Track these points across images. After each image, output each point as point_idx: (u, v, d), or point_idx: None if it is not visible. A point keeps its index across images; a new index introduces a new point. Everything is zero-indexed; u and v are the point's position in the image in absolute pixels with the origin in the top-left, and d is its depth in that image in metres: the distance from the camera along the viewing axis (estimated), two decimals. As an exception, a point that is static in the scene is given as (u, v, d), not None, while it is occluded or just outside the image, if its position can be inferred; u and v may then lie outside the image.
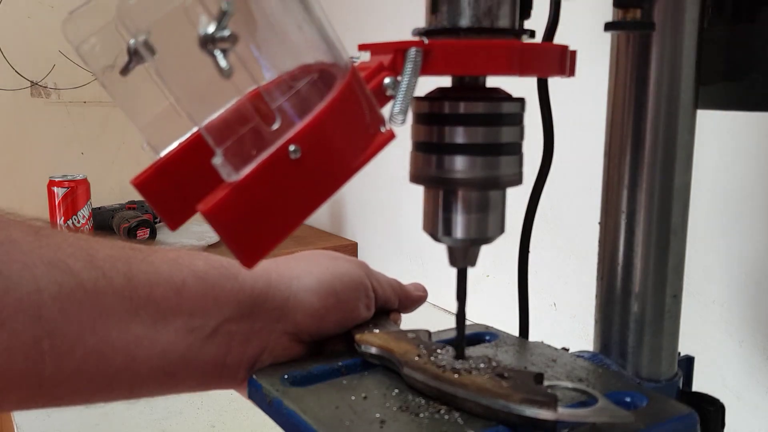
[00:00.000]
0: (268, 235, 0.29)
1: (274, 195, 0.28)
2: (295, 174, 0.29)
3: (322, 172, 0.30)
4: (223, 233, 0.28)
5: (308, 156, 0.28)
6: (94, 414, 0.76)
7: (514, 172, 0.37)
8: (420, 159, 0.37)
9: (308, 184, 0.29)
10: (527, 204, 0.52)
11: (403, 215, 1.23)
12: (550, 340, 0.47)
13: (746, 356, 0.68)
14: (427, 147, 0.37)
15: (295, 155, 0.28)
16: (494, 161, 0.36)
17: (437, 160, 0.36)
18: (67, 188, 1.12)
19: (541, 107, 0.50)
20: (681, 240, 0.46)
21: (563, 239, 0.89)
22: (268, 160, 0.28)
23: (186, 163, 0.36)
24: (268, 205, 0.29)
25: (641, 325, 0.46)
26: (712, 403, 0.47)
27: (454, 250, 0.39)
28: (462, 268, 0.40)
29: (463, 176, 0.36)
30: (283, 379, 0.40)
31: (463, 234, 0.38)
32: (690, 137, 0.45)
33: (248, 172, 0.27)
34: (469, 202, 0.37)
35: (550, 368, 0.43)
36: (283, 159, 0.28)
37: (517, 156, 0.37)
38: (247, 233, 0.28)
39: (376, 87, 0.32)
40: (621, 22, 0.44)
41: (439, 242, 0.39)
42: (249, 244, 0.29)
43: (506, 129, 0.36)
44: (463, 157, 0.36)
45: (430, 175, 0.37)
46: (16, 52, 1.40)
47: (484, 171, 0.36)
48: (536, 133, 0.49)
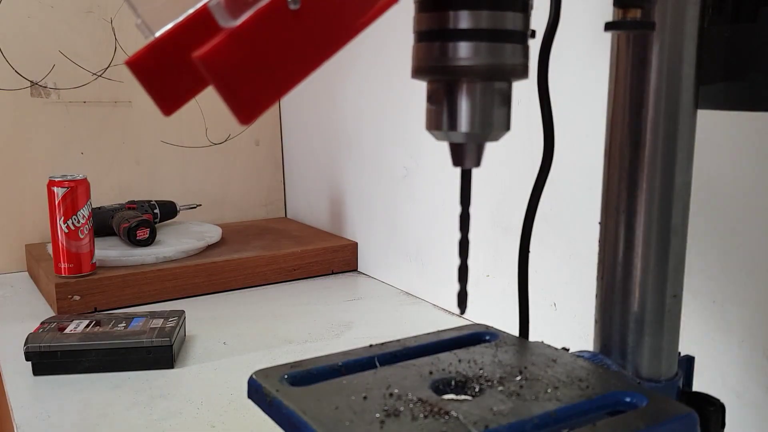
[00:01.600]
0: (265, 90, 0.28)
1: (271, 46, 0.27)
2: (294, 26, 0.27)
3: (323, 28, 0.28)
4: (218, 82, 0.27)
5: (308, 8, 0.27)
6: (94, 414, 0.76)
7: (520, 62, 0.36)
8: (422, 49, 0.36)
9: (308, 39, 0.28)
10: (527, 203, 0.52)
11: (404, 215, 1.23)
12: (550, 340, 0.47)
13: (746, 356, 0.68)
14: (429, 35, 0.35)
15: (295, 5, 0.27)
16: (498, 48, 0.35)
17: (440, 48, 0.35)
18: (67, 188, 1.12)
19: (542, 107, 0.49)
20: (681, 240, 0.46)
21: (563, 239, 0.89)
22: (267, 7, 0.27)
23: (182, 42, 0.34)
24: (265, 57, 0.27)
25: (641, 325, 0.46)
26: (712, 403, 0.47)
27: (458, 147, 0.38)
28: (466, 170, 0.39)
29: (467, 63, 0.35)
30: (283, 379, 0.40)
31: (467, 128, 0.36)
32: (690, 137, 0.45)
33: (245, 19, 0.26)
34: (473, 93, 0.36)
35: (550, 368, 0.43)
36: (282, 8, 0.27)
37: (523, 45, 0.36)
38: (243, 84, 0.27)
39: None
40: (621, 22, 0.44)
41: (443, 139, 0.37)
42: (244, 97, 0.27)
43: (511, 14, 0.35)
44: (467, 43, 0.34)
45: (432, 64, 0.35)
46: (16, 51, 1.40)
47: (488, 58, 0.35)
48: (536, 133, 0.49)
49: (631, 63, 0.45)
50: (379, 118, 1.27)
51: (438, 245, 1.13)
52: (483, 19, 0.34)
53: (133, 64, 0.34)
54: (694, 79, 0.44)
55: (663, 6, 0.43)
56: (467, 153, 0.38)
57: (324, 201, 1.55)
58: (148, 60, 0.34)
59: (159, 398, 0.79)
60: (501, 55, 0.35)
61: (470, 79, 0.35)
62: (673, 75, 0.44)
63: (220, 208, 1.63)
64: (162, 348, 0.86)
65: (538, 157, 0.50)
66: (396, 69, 1.17)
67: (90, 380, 0.84)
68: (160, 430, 0.72)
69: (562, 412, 0.37)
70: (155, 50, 0.34)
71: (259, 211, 1.71)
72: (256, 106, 0.28)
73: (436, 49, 0.35)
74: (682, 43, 0.43)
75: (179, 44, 0.34)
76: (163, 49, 0.34)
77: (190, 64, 0.29)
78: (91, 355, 0.85)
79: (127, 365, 0.86)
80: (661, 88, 0.44)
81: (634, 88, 0.45)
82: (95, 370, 0.86)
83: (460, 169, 0.39)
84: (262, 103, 0.28)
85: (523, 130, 0.85)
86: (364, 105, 1.32)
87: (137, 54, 0.34)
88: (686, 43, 0.43)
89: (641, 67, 0.44)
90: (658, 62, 0.43)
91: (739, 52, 0.47)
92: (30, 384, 0.84)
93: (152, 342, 0.86)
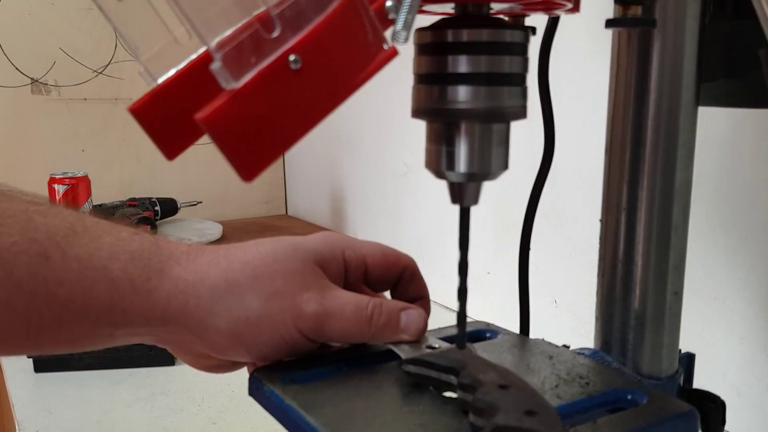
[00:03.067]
0: (267, 148, 0.28)
1: (273, 106, 0.28)
2: (296, 85, 0.28)
3: (323, 86, 0.29)
4: (221, 142, 0.27)
5: (309, 67, 0.28)
6: (96, 411, 0.76)
7: (518, 103, 0.36)
8: (422, 92, 0.36)
9: (309, 97, 0.29)
10: (528, 201, 0.52)
11: (404, 212, 1.23)
12: (550, 338, 0.47)
13: (747, 353, 0.68)
14: (429, 78, 0.36)
15: (296, 65, 0.28)
16: (497, 91, 0.35)
17: (439, 91, 0.36)
18: (67, 185, 1.12)
19: (542, 104, 0.49)
20: (682, 237, 0.46)
21: (564, 236, 0.89)
22: (268, 68, 0.27)
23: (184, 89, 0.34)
24: (267, 116, 0.28)
25: (642, 323, 0.46)
26: (712, 401, 0.47)
27: (457, 186, 0.38)
28: (465, 208, 0.39)
29: (466, 107, 0.35)
30: (284, 376, 0.40)
31: (465, 168, 0.37)
32: (691, 134, 0.45)
33: (247, 80, 0.27)
34: (472, 134, 0.36)
35: (550, 366, 0.43)
36: (284, 68, 0.27)
37: (521, 87, 0.36)
38: (245, 144, 0.28)
39: (378, 11, 0.31)
40: (622, 19, 0.44)
41: (443, 178, 0.38)
42: (247, 156, 0.28)
43: (510, 58, 0.36)
44: (466, 87, 0.35)
45: (432, 107, 0.36)
46: (17, 49, 1.40)
47: (487, 101, 0.35)
48: (537, 130, 0.49)
49: (632, 60, 0.44)
50: (380, 115, 1.27)
51: (439, 242, 1.13)
52: (481, 63, 0.35)
53: (136, 112, 0.35)
54: (695, 76, 0.44)
55: (664, 3, 0.43)
56: (465, 192, 0.38)
57: (325, 198, 1.55)
58: (151, 107, 0.35)
59: (160, 395, 0.80)
60: (499, 98, 0.36)
61: (469, 121, 0.36)
62: (674, 72, 0.43)
63: (221, 205, 1.63)
64: (163, 345, 0.86)
65: (539, 154, 0.50)
66: (397, 66, 1.16)
67: (91, 377, 0.84)
68: (161, 427, 0.73)
69: (562, 409, 0.37)
70: (158, 97, 0.35)
71: (260, 208, 1.71)
72: (258, 163, 0.28)
73: (436, 92, 0.36)
74: (683, 39, 0.43)
75: (182, 91, 0.35)
76: (166, 96, 0.35)
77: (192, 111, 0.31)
78: (93, 352, 0.85)
79: (128, 362, 0.86)
80: (662, 85, 0.44)
81: (634, 85, 0.45)
82: (96, 366, 0.86)
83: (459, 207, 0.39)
84: (264, 160, 0.28)
85: (524, 127, 0.84)
86: (365, 102, 1.32)
87: (140, 101, 0.35)
88: (687, 40, 0.43)
89: (642, 64, 0.44)
90: (659, 59, 0.43)
91: (741, 49, 0.47)
92: (31, 381, 0.84)
93: (153, 339, 0.86)
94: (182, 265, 0.39)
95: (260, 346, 0.40)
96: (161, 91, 0.35)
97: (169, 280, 0.39)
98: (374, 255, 0.44)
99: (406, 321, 0.41)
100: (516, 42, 0.36)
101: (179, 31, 0.33)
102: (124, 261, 0.38)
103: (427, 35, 0.36)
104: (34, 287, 0.36)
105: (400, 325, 0.41)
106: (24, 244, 0.36)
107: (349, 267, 0.43)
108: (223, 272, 0.39)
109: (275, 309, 0.39)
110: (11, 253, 0.35)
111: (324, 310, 0.39)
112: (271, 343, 0.40)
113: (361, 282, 0.45)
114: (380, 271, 0.45)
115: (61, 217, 0.38)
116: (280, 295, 0.39)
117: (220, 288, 0.39)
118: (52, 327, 0.37)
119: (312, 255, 0.41)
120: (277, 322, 0.39)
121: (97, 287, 0.37)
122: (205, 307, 0.39)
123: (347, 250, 0.43)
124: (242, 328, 0.39)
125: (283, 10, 0.28)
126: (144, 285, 0.38)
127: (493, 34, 0.35)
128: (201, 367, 0.45)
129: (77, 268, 0.37)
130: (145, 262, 0.38)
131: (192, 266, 0.40)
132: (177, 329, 0.39)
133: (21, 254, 0.35)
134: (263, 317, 0.39)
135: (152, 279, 0.38)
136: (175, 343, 0.42)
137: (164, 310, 0.38)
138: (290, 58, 0.27)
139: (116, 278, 0.37)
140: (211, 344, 0.40)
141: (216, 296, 0.39)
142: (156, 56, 0.34)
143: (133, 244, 0.39)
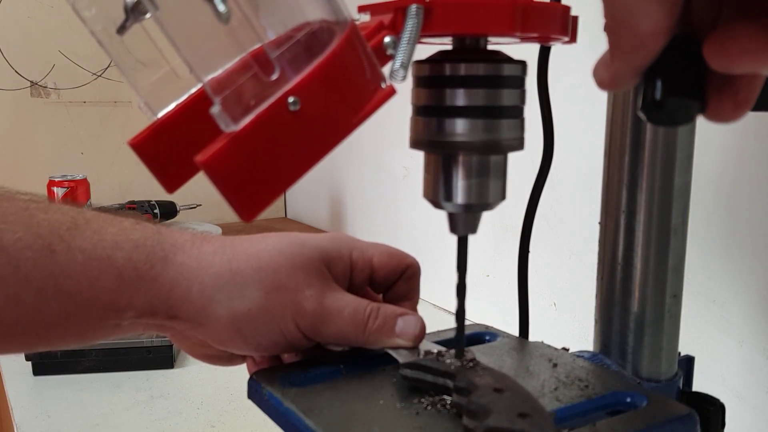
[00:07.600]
0: (266, 188, 0.28)
1: (272, 147, 0.28)
2: (295, 126, 0.28)
3: (322, 126, 0.29)
4: (221, 185, 0.27)
5: (307, 109, 0.28)
6: (95, 414, 0.76)
7: (516, 136, 0.37)
8: (420, 123, 0.37)
9: (307, 138, 0.29)
10: (527, 203, 0.52)
11: (403, 216, 1.23)
12: (550, 340, 0.47)
13: (746, 356, 0.68)
14: (427, 110, 0.36)
15: (295, 107, 0.28)
16: (495, 124, 0.36)
17: (437, 123, 0.36)
18: (66, 188, 1.12)
19: (541, 107, 0.49)
20: (681, 240, 0.46)
21: (563, 239, 0.89)
22: (267, 111, 0.27)
23: (184, 123, 0.35)
24: (266, 158, 0.28)
25: (641, 325, 0.46)
26: (712, 403, 0.47)
27: (454, 216, 0.38)
28: (463, 236, 0.39)
29: (464, 139, 0.35)
30: (283, 379, 0.40)
31: (463, 199, 0.37)
32: (690, 137, 0.45)
33: (247, 123, 0.27)
34: (469, 166, 0.36)
35: (550, 368, 0.42)
36: (283, 111, 0.28)
37: (519, 120, 0.37)
38: (245, 185, 0.28)
39: (376, 46, 0.32)
40: (621, 22, 0.44)
41: (440, 208, 0.38)
42: (247, 197, 0.28)
43: (507, 91, 0.36)
44: (464, 120, 0.35)
45: (430, 139, 0.36)
46: (16, 52, 1.40)
47: (484, 134, 0.36)
48: (536, 132, 0.49)
49: (631, 63, 0.44)
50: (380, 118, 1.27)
51: (438, 245, 1.13)
52: (479, 96, 0.35)
53: (136, 146, 0.35)
54: (694, 79, 0.44)
55: (663, 6, 0.43)
56: (463, 222, 0.38)
57: (324, 201, 1.55)
58: (152, 141, 0.35)
59: (159, 398, 0.79)
60: (497, 130, 0.36)
61: (467, 153, 0.36)
62: (673, 75, 0.43)
63: (220, 208, 1.63)
64: (162, 348, 0.86)
65: (538, 157, 0.50)
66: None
67: (90, 380, 0.84)
68: (160, 430, 0.72)
69: (561, 412, 0.37)
70: (158, 132, 0.35)
71: (259, 211, 1.71)
72: (258, 203, 0.29)
73: (434, 124, 0.36)
74: (682, 42, 0.43)
75: (182, 125, 0.35)
76: (166, 131, 0.35)
77: (192, 145, 0.31)
78: (91, 355, 0.85)
79: (127, 365, 0.86)
80: (661, 87, 0.44)
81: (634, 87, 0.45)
82: (95, 369, 0.86)
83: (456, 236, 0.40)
84: (264, 200, 0.29)
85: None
86: (364, 105, 1.32)
87: (141, 135, 0.35)
88: (686, 43, 0.43)
89: (641, 66, 0.44)
90: (658, 62, 0.43)
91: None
92: (30, 384, 0.84)
93: (152, 342, 0.86)
94: (186, 252, 0.40)
95: (258, 338, 0.40)
96: (161, 125, 0.35)
97: (173, 266, 0.39)
98: (381, 257, 0.45)
99: (402, 326, 0.42)
100: (513, 75, 0.36)
101: (177, 62, 0.34)
102: (128, 250, 0.38)
103: (425, 68, 0.36)
104: (42, 281, 0.36)
105: (396, 330, 0.41)
106: (28, 240, 0.36)
107: (355, 269, 0.44)
108: (228, 261, 0.40)
109: (276, 303, 0.39)
110: (16, 248, 0.35)
111: (323, 309, 0.40)
112: (269, 336, 0.40)
113: (366, 284, 0.45)
114: (386, 273, 0.45)
115: (63, 212, 0.38)
116: (282, 289, 0.39)
117: (224, 276, 0.39)
118: (60, 320, 0.37)
119: (318, 253, 0.41)
120: (276, 316, 0.39)
121: (103, 277, 0.37)
122: (207, 295, 0.39)
123: (354, 252, 0.44)
124: (241, 318, 0.39)
125: (282, 52, 0.28)
126: (148, 272, 0.38)
127: (490, 67, 0.35)
128: (198, 356, 0.46)
129: (82, 260, 0.37)
130: (149, 249, 0.39)
131: (196, 254, 0.40)
132: (180, 315, 0.39)
133: (26, 249, 0.36)
134: (263, 310, 0.39)
135: (156, 266, 0.38)
136: (175, 330, 0.42)
137: (168, 296, 0.39)
138: (289, 100, 0.28)
139: (121, 267, 0.38)
140: (210, 333, 0.40)
141: (219, 284, 0.39)
142: (156, 90, 0.35)
143: (135, 233, 0.39)
